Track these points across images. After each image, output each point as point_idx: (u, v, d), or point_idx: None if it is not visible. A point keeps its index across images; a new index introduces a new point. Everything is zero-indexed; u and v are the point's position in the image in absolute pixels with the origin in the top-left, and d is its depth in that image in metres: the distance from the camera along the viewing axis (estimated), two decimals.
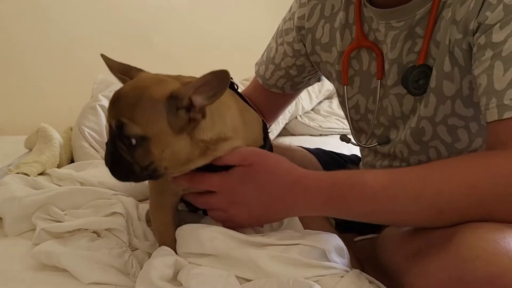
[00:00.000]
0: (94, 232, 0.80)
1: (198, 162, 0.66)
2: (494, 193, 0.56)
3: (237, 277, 0.63)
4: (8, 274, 0.73)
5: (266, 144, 0.77)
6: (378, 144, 0.88)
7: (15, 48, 2.01)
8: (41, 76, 2.07)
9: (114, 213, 0.82)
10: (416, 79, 0.76)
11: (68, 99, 1.92)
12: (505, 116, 0.61)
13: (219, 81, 0.59)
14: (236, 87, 0.79)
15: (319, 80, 1.07)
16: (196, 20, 2.43)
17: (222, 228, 0.67)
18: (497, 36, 0.63)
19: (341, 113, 2.10)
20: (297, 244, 0.63)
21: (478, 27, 0.67)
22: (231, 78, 0.78)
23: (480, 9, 0.66)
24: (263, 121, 0.77)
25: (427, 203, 0.59)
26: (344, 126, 2.00)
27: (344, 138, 0.97)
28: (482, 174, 0.58)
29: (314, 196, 0.64)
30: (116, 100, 0.62)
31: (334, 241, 0.66)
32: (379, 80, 0.84)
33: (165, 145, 0.61)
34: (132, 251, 0.78)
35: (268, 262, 0.61)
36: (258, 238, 0.65)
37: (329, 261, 0.63)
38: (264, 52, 1.07)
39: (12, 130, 1.84)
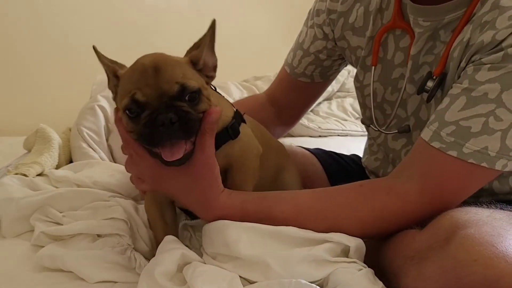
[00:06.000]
0: None
1: None
2: (379, 228, 0.70)
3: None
4: (6, 275, 0.73)
5: None
6: (398, 132, 0.88)
7: (14, 48, 2.02)
8: (40, 77, 2.07)
9: (113, 218, 0.81)
10: (437, 87, 0.75)
11: (67, 100, 1.92)
12: (432, 144, 0.66)
13: (212, 29, 0.70)
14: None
15: (347, 64, 1.03)
16: (196, 20, 2.42)
17: (248, 224, 0.68)
18: (481, 75, 0.64)
19: (340, 114, 2.11)
20: (325, 241, 0.66)
21: (476, 59, 0.67)
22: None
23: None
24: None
25: (325, 229, 0.68)
26: (343, 127, 2.00)
27: (364, 121, 0.96)
28: (367, 212, 0.69)
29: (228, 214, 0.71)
30: (156, 71, 0.64)
31: (358, 240, 0.68)
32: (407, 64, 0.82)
33: (208, 92, 0.69)
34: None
35: (295, 266, 0.63)
36: (290, 230, 0.67)
37: (349, 257, 0.66)
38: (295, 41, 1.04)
39: (11, 131, 1.84)
